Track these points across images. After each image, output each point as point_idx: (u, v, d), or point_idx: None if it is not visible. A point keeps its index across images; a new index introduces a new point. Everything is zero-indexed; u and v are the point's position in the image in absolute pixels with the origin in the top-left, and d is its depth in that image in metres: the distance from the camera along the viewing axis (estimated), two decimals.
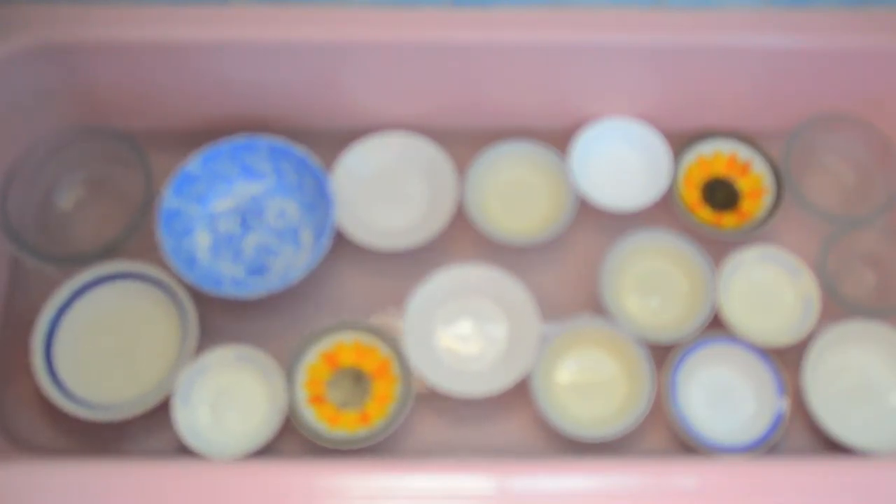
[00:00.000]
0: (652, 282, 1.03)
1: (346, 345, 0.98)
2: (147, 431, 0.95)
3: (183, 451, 0.91)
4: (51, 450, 0.95)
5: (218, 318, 1.00)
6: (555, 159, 1.06)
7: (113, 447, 0.94)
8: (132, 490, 0.79)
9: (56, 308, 0.96)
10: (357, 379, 0.97)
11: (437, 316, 1.00)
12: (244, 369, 0.96)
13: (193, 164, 1.00)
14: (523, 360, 0.96)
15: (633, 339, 0.96)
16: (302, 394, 0.95)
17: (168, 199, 0.99)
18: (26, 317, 0.99)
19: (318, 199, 1.01)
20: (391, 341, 0.97)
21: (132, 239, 0.98)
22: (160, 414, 0.93)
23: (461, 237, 1.03)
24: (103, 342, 0.97)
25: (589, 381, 0.98)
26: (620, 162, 1.08)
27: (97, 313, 0.98)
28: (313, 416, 0.94)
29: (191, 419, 0.93)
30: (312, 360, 0.97)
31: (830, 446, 0.95)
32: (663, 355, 0.97)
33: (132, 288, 0.98)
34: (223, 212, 1.04)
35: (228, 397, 0.95)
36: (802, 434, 0.96)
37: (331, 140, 1.07)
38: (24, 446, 0.94)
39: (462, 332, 1.00)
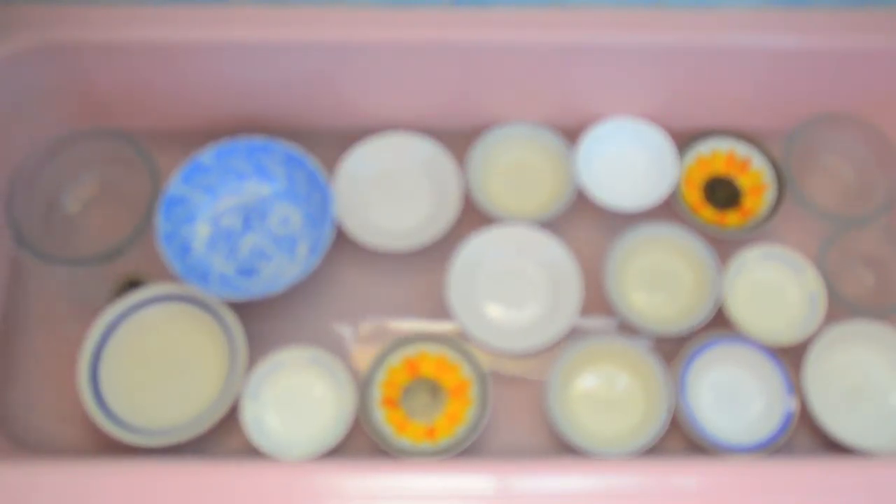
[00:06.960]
0: (657, 275, 1.03)
1: (429, 355, 0.97)
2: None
3: (250, 453, 0.91)
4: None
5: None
6: (554, 139, 1.07)
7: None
8: (145, 490, 0.79)
9: (95, 342, 0.95)
10: (433, 392, 0.97)
11: (479, 286, 1.01)
12: (311, 371, 0.96)
13: (206, 155, 1.00)
14: (570, 305, 0.98)
15: (654, 360, 0.95)
16: (377, 393, 0.94)
17: (175, 185, 0.98)
18: (26, 317, 0.99)
19: (321, 215, 1.00)
20: (475, 364, 0.96)
21: (139, 241, 0.98)
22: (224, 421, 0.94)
23: (469, 232, 1.03)
24: (149, 367, 0.97)
25: (605, 398, 0.97)
26: (626, 162, 1.08)
27: (138, 340, 0.97)
28: (382, 418, 0.93)
29: (259, 421, 0.93)
30: (395, 363, 0.96)
31: (830, 446, 0.95)
32: (667, 349, 0.98)
33: (170, 310, 0.98)
34: (229, 207, 1.04)
35: (295, 399, 0.95)
36: (802, 434, 0.96)
37: (331, 140, 1.07)
38: (25, 446, 0.94)
39: (505, 294, 1.01)
